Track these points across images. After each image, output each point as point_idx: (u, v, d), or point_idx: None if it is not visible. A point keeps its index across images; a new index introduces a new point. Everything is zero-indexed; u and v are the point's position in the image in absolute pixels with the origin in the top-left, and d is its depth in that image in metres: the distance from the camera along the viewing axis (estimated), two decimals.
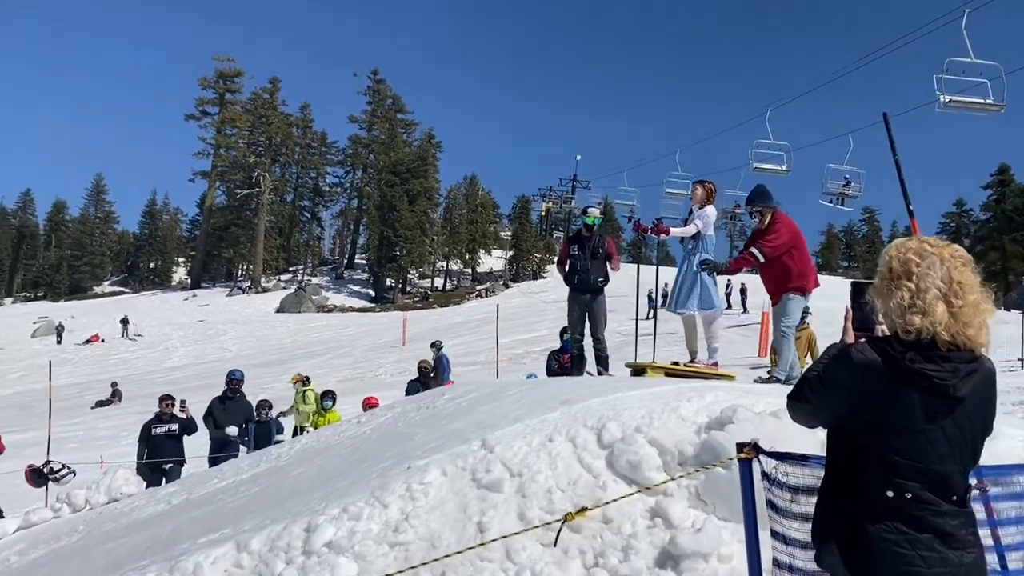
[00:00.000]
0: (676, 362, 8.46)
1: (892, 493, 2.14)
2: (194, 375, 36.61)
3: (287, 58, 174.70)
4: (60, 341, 55.95)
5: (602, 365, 8.95)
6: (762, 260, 7.20)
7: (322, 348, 43.98)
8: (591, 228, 9.06)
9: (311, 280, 78.37)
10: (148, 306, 69.83)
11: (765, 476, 2.79)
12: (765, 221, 7.27)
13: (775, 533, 2.78)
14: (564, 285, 9.30)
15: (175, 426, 11.78)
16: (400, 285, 75.91)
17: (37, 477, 11.16)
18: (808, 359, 12.23)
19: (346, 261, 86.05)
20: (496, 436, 4.61)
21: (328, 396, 14.24)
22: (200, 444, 12.44)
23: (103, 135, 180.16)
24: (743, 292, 37.95)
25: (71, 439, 19.80)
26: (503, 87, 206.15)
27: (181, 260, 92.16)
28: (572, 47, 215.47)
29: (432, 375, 14.89)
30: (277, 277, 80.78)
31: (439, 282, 79.59)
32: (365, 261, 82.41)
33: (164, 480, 10.99)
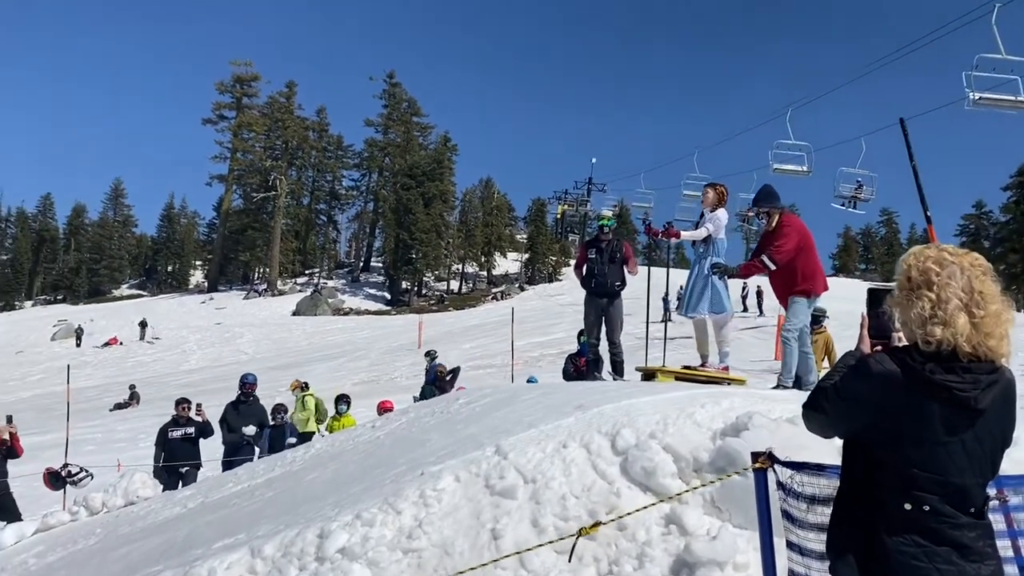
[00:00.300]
0: (687, 366, 8.42)
1: (910, 506, 2.11)
2: (211, 378, 36.80)
3: (303, 62, 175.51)
4: (79, 344, 56.41)
5: (617, 371, 8.92)
6: (773, 268, 7.11)
7: (338, 351, 44.12)
8: (605, 231, 9.04)
9: (327, 283, 78.62)
10: (166, 309, 70.28)
11: (780, 486, 2.76)
12: (772, 222, 7.15)
13: (791, 543, 2.75)
14: (580, 288, 9.28)
15: (191, 429, 11.83)
16: (416, 288, 76.03)
17: (55, 480, 11.24)
18: (825, 363, 12.10)
19: (362, 264, 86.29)
20: (510, 442, 4.59)
21: (342, 400, 14.25)
22: (216, 447, 12.49)
23: (121, 140, 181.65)
24: (759, 295, 37.73)
25: (89, 441, 19.95)
26: (519, 89, 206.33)
27: (198, 263, 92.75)
28: (588, 49, 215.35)
29: (448, 379, 14.90)
30: (293, 280, 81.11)
31: (455, 285, 79.67)
32: (381, 264, 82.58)
33: (180, 483, 11.04)
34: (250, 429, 12.04)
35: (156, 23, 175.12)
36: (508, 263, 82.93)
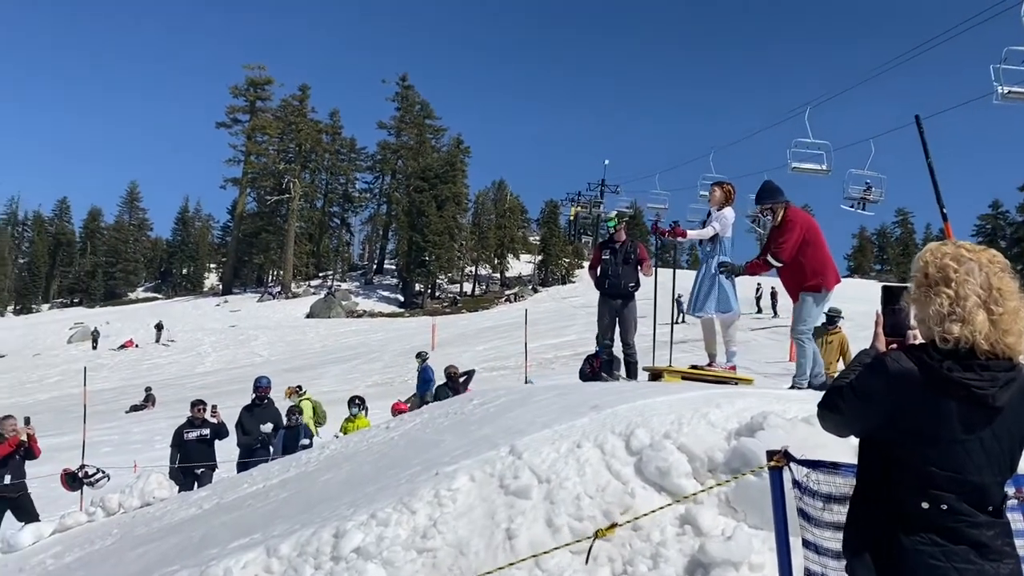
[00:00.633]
0: (695, 365, 8.40)
1: (927, 505, 2.09)
2: (226, 380, 36.98)
3: (316, 65, 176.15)
4: (95, 346, 56.82)
5: (630, 372, 8.90)
6: (778, 266, 7.05)
7: (352, 353, 44.24)
8: (614, 232, 9.03)
9: (341, 285, 78.84)
10: (181, 312, 70.67)
11: (796, 484, 2.74)
12: (778, 217, 7.09)
13: (807, 542, 2.74)
14: (594, 289, 9.26)
15: (207, 431, 11.89)
16: (429, 290, 76.14)
17: (72, 481, 11.33)
18: (840, 364, 12.04)
19: (375, 266, 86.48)
20: (524, 442, 4.59)
21: (356, 402, 14.27)
22: (231, 448, 12.55)
23: (136, 144, 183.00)
24: (773, 296, 37.58)
25: (105, 443, 20.09)
26: (531, 91, 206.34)
27: (213, 266, 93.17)
28: (600, 50, 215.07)
29: (462, 380, 14.89)
30: (307, 283, 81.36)
31: (468, 287, 79.73)
32: (394, 266, 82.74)
33: (196, 484, 11.10)
34: (267, 426, 12.12)
35: (170, 28, 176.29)
36: (521, 265, 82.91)
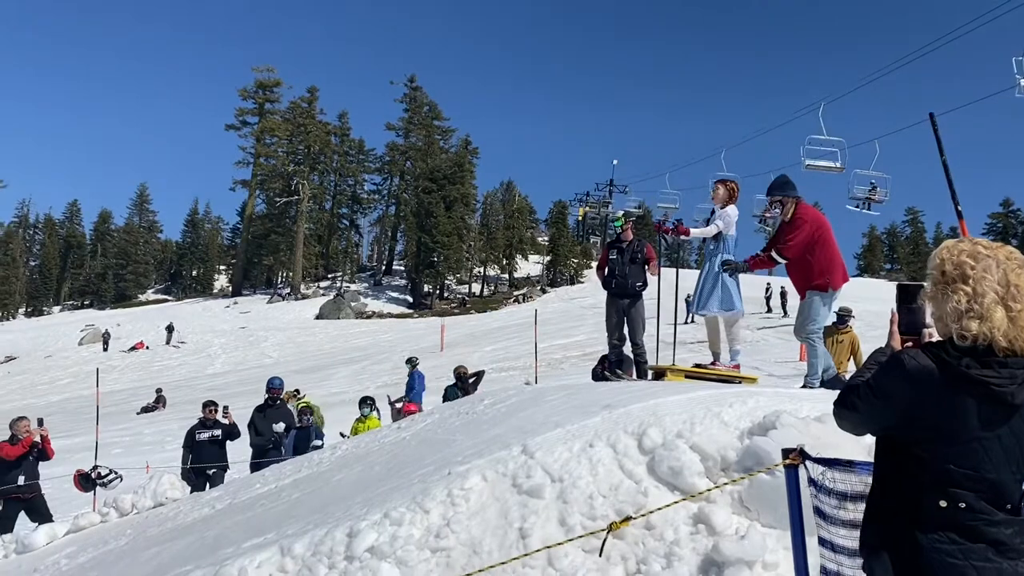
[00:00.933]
0: (698, 364, 8.38)
1: (945, 503, 2.08)
2: (236, 381, 37.11)
3: (325, 67, 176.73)
4: (106, 348, 57.05)
5: (639, 372, 8.89)
6: (782, 262, 7.02)
7: (361, 354, 44.32)
8: (621, 232, 9.02)
9: (350, 287, 78.96)
10: (191, 313, 70.90)
11: (812, 482, 2.74)
12: (788, 213, 7.04)
13: (822, 540, 2.73)
14: (603, 290, 9.25)
15: (218, 432, 11.93)
16: (438, 291, 76.23)
17: (85, 482, 11.39)
18: (851, 363, 11.99)
19: (384, 268, 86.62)
20: (536, 442, 4.60)
21: (366, 402, 14.30)
22: (242, 449, 12.60)
23: (146, 146, 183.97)
24: (783, 295, 37.45)
25: (117, 444, 20.20)
26: (540, 92, 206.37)
27: (222, 268, 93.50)
28: (608, 49, 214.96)
29: (472, 381, 14.88)
30: (316, 284, 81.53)
31: (476, 288, 79.77)
32: (403, 267, 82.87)
33: (208, 485, 11.13)
34: (280, 426, 12.16)
35: (178, 31, 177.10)
36: (530, 266, 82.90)
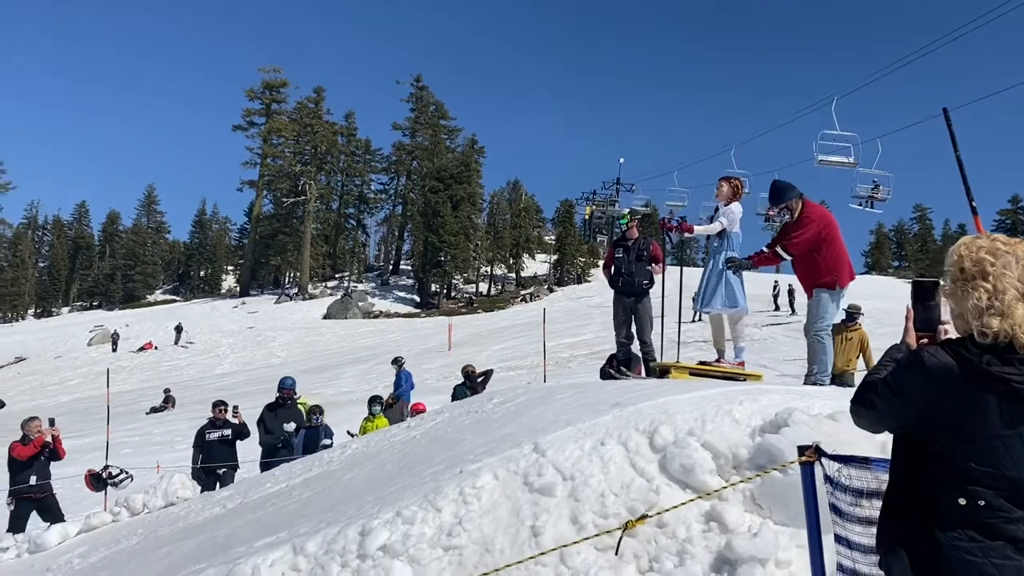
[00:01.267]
0: (703, 361, 8.37)
1: (964, 501, 2.07)
2: (244, 381, 37.19)
3: (331, 67, 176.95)
4: (115, 349, 57.27)
5: (649, 371, 8.88)
6: (787, 258, 7.01)
7: (369, 354, 44.35)
8: (627, 230, 9.01)
9: (357, 286, 79.05)
10: (199, 314, 71.08)
11: (828, 479, 2.73)
12: (795, 214, 7.04)
13: (839, 537, 2.72)
14: (610, 288, 9.25)
15: (228, 431, 11.98)
16: (445, 290, 76.24)
17: (96, 481, 11.45)
18: (860, 361, 11.96)
19: (391, 267, 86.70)
20: (547, 440, 4.60)
21: (375, 401, 14.33)
22: (252, 448, 12.64)
23: (154, 147, 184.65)
24: (791, 293, 37.39)
25: (126, 444, 20.26)
26: (546, 91, 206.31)
27: (230, 268, 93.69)
28: (615, 47, 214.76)
29: (480, 379, 14.87)
30: (324, 284, 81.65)
31: (483, 287, 79.78)
32: (410, 267, 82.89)
33: (218, 484, 11.18)
34: (290, 426, 12.22)
35: (185, 32, 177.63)
36: (536, 265, 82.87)
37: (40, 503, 10.58)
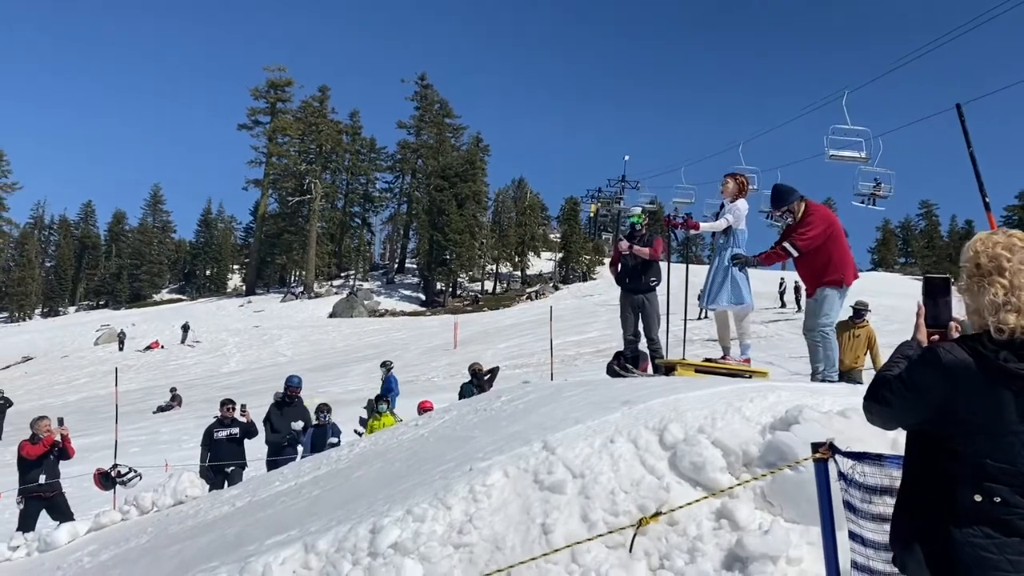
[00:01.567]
0: (708, 358, 8.35)
1: (980, 497, 2.07)
2: (250, 380, 37.26)
3: (336, 66, 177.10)
4: (122, 348, 57.39)
5: (655, 368, 8.87)
6: (796, 255, 7.01)
7: (375, 352, 44.35)
8: (637, 228, 8.99)
9: (362, 285, 79.10)
10: (205, 313, 71.20)
11: (842, 476, 2.72)
12: (798, 215, 7.05)
13: (853, 534, 2.72)
14: (615, 286, 9.23)
15: (236, 430, 12.01)
16: (450, 289, 76.25)
17: (105, 480, 11.49)
18: (867, 358, 11.93)
19: (396, 266, 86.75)
20: (557, 438, 4.60)
21: (383, 399, 14.36)
22: (258, 447, 12.66)
23: (159, 147, 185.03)
24: (797, 290, 37.27)
25: (134, 443, 20.31)
26: (550, 88, 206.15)
27: (236, 267, 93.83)
28: (620, 45, 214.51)
29: (486, 377, 14.90)
30: (329, 282, 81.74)
31: (489, 285, 79.77)
32: (415, 265, 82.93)
33: (226, 483, 11.20)
34: (298, 424, 12.25)
35: (190, 31, 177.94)
36: (542, 263, 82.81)
37: (50, 502, 10.63)
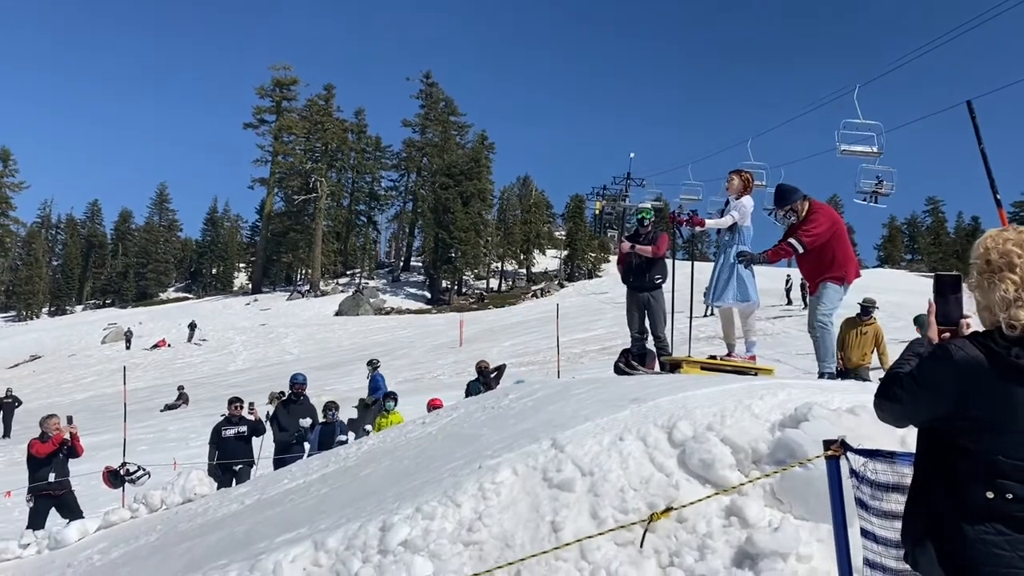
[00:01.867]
0: (713, 356, 8.35)
1: (992, 494, 2.07)
2: (257, 378, 37.33)
3: (341, 65, 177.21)
4: (128, 347, 57.56)
5: (660, 366, 8.87)
6: (801, 251, 7.03)
7: (381, 350, 44.39)
8: (645, 223, 8.98)
9: (368, 283, 79.19)
10: (211, 311, 71.35)
11: (854, 473, 2.72)
12: (802, 214, 7.07)
13: (865, 532, 2.72)
14: (621, 284, 9.23)
15: (244, 428, 12.05)
16: (456, 286, 76.27)
17: (114, 478, 11.54)
18: (874, 355, 11.92)
19: (402, 264, 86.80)
20: (566, 435, 4.61)
21: (390, 397, 14.38)
22: (265, 446, 12.70)
23: (165, 146, 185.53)
24: (803, 287, 37.23)
25: (141, 441, 20.37)
26: (555, 86, 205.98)
27: (242, 266, 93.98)
28: (624, 41, 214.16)
29: (493, 375, 14.86)
30: (335, 281, 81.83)
31: (494, 283, 79.78)
32: (421, 263, 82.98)
33: (234, 481, 11.24)
34: (306, 421, 12.27)
35: (196, 30, 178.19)
36: (547, 260, 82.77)
37: (59, 500, 10.67)
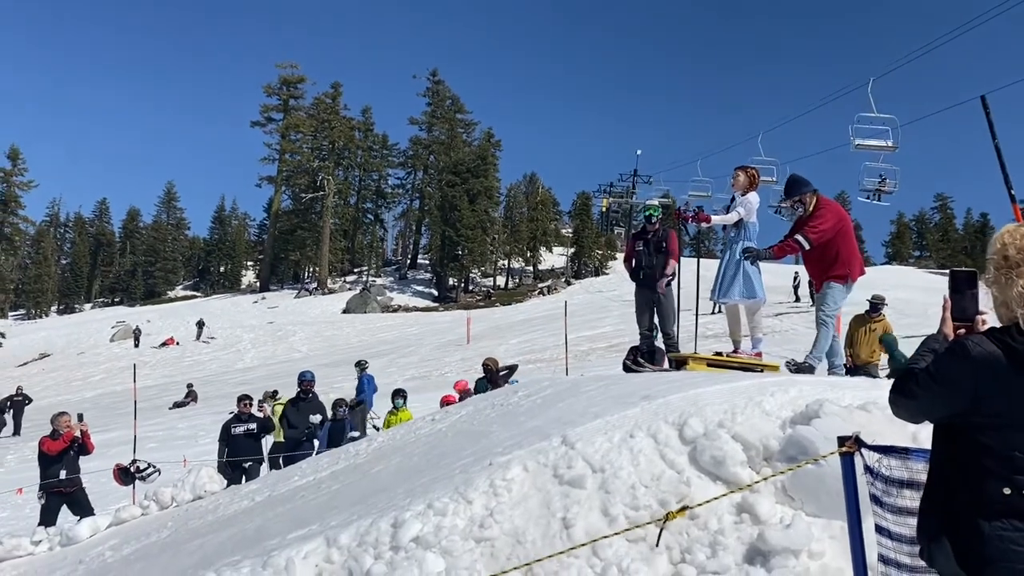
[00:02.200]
0: (719, 352, 8.34)
1: (1009, 490, 2.06)
2: (265, 375, 37.42)
3: (348, 63, 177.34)
4: (137, 345, 57.82)
5: (668, 363, 8.85)
6: (807, 247, 7.01)
7: (388, 348, 44.52)
8: (652, 221, 8.96)
9: (375, 281, 79.31)
10: (219, 309, 71.57)
11: (868, 470, 2.72)
12: (809, 207, 7.06)
13: (879, 528, 2.71)
14: (628, 281, 9.21)
15: (253, 425, 12.09)
16: (463, 284, 76.32)
17: (125, 475, 11.60)
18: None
19: (409, 261, 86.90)
20: (576, 432, 4.61)
21: (399, 394, 14.37)
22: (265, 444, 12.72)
23: (173, 144, 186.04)
24: (811, 284, 37.14)
25: (151, 439, 20.45)
26: (561, 84, 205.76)
27: (250, 264, 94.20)
28: (631, 37, 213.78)
29: (503, 374, 14.81)
30: (342, 278, 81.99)
31: (501, 280, 79.80)
32: (427, 261, 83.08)
33: (244, 478, 11.28)
34: (316, 418, 12.32)
35: (203, 29, 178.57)
36: (554, 258, 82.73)
37: (70, 497, 10.73)
